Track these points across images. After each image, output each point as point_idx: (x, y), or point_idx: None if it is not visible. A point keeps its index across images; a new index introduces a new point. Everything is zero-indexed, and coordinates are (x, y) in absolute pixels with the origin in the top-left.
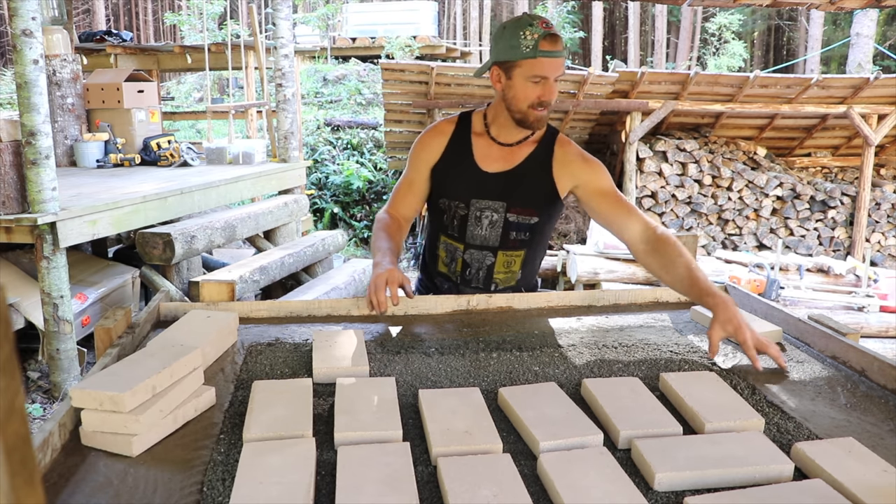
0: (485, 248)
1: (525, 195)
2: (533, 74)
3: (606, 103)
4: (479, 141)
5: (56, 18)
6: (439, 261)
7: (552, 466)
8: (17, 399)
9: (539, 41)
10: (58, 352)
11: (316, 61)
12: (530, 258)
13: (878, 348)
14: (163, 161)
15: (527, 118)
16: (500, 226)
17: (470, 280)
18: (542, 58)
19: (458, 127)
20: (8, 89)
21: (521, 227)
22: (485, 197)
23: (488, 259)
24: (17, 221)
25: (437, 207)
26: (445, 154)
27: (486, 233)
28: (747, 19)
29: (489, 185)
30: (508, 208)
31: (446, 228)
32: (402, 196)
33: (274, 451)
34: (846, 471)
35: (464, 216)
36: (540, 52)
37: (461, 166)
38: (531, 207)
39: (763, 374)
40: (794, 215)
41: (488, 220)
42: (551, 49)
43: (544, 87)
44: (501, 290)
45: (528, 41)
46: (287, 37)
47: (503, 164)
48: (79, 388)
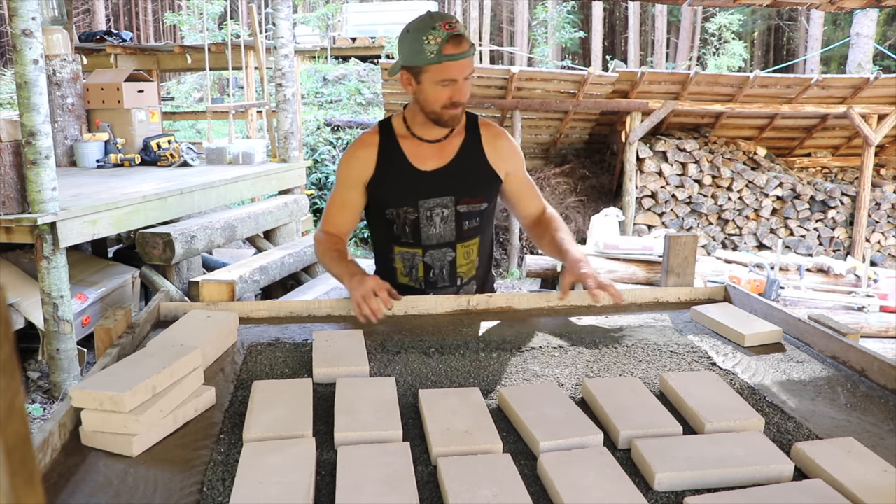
0: (443, 245)
1: (471, 185)
2: (441, 79)
3: (606, 103)
4: (407, 143)
5: (56, 18)
6: (397, 273)
7: (552, 466)
8: (17, 399)
9: (443, 45)
10: (58, 352)
11: (316, 61)
12: (484, 243)
13: (878, 348)
14: (163, 161)
15: (441, 118)
16: (453, 219)
17: (435, 281)
18: (448, 62)
19: (383, 135)
20: (8, 89)
21: (472, 216)
22: (431, 195)
23: (449, 255)
24: (17, 221)
25: (384, 219)
26: (378, 164)
27: (441, 230)
28: (747, 19)
29: (432, 183)
30: (458, 201)
31: (398, 237)
32: (337, 214)
33: (274, 451)
34: (846, 471)
35: (415, 220)
36: (444, 57)
37: (398, 171)
38: (479, 195)
39: (763, 374)
40: (794, 215)
41: (440, 217)
42: (456, 51)
43: (454, 88)
44: (466, 282)
45: (432, 46)
46: (287, 37)
47: (439, 160)
48: (79, 388)
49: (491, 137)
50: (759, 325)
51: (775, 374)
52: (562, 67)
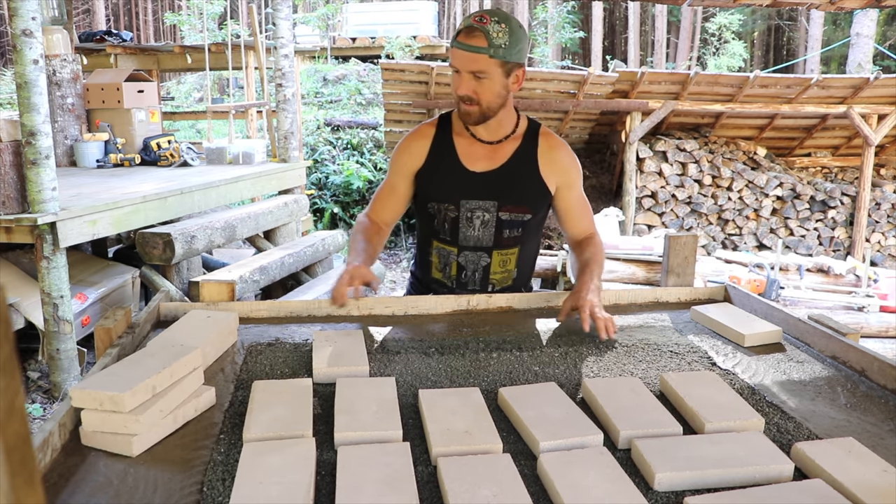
0: (479, 248)
1: (516, 193)
2: (451, 64)
3: (606, 103)
4: (461, 141)
5: (56, 18)
6: (432, 267)
7: (552, 466)
8: (17, 399)
9: (459, 33)
10: (58, 352)
11: (316, 61)
12: (525, 255)
13: (878, 348)
14: (163, 161)
15: (458, 111)
16: (493, 225)
17: (466, 283)
18: (455, 48)
19: (440, 129)
20: (8, 89)
21: (514, 225)
22: (474, 197)
23: (483, 260)
24: (17, 221)
25: (426, 212)
26: (429, 157)
27: (479, 233)
28: (747, 19)
29: (478, 184)
30: (500, 207)
31: (437, 233)
32: (384, 200)
33: (274, 451)
34: (846, 471)
35: (454, 218)
36: (454, 43)
37: (447, 168)
38: (524, 205)
39: (763, 374)
40: (794, 215)
41: (480, 221)
42: (463, 41)
43: (458, 79)
44: (499, 290)
45: (455, 34)
46: (287, 37)
47: (489, 163)
48: (79, 388)
49: (548, 148)
50: (759, 325)
51: (775, 374)
52: (562, 67)
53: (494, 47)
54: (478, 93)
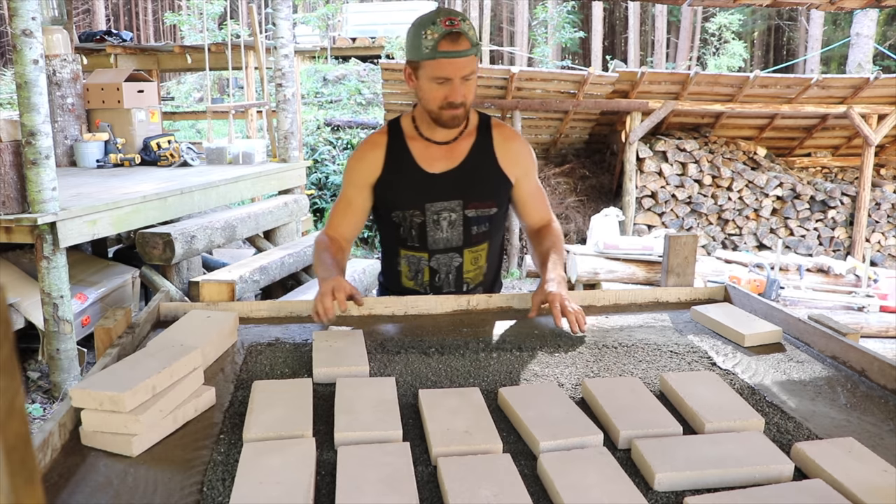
0: (450, 249)
1: (479, 188)
2: (434, 76)
3: (606, 103)
4: (415, 144)
5: (56, 18)
6: (402, 276)
7: (552, 466)
8: (17, 399)
9: (439, 41)
10: (58, 352)
11: (316, 61)
12: (493, 249)
13: (878, 348)
14: (163, 161)
15: (440, 118)
16: (461, 224)
17: (440, 286)
18: (442, 59)
19: (391, 136)
20: (8, 89)
21: (481, 221)
22: (439, 199)
23: (455, 260)
24: (17, 221)
25: (391, 222)
26: (386, 165)
27: (448, 234)
28: (747, 19)
29: (440, 186)
30: (466, 205)
31: (405, 241)
32: (341, 216)
33: (274, 451)
34: (846, 471)
35: (421, 223)
36: (439, 53)
37: (406, 173)
38: (489, 199)
39: (763, 374)
40: (794, 215)
41: (447, 222)
42: (451, 49)
43: (450, 87)
44: (472, 288)
45: (429, 41)
46: (287, 37)
47: (448, 163)
48: (79, 388)
49: (503, 140)
50: (759, 325)
51: (775, 374)
52: (562, 67)
53: (475, 45)
54: (467, 95)
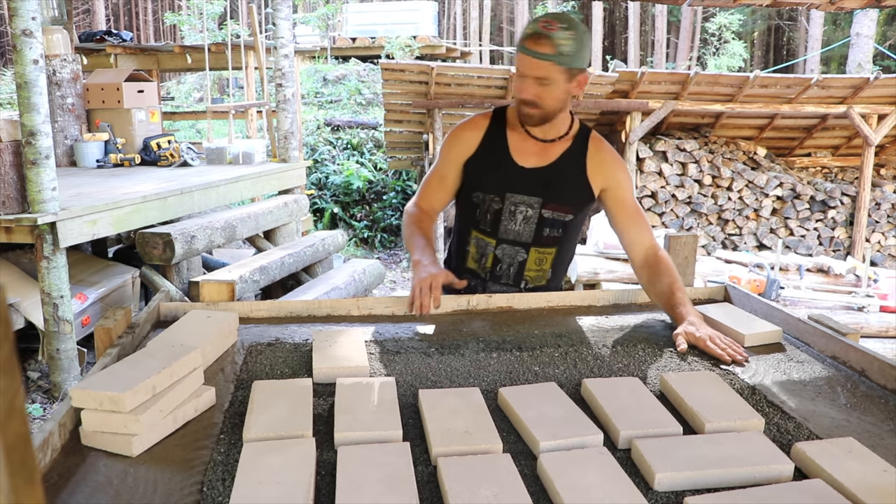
0: (517, 243)
1: (561, 193)
2: (516, 67)
3: (606, 103)
4: (514, 135)
5: (56, 18)
6: (469, 256)
7: (552, 466)
8: (17, 399)
9: (526, 38)
10: (58, 352)
11: (316, 61)
12: (561, 256)
13: (878, 348)
14: (163, 161)
15: (519, 111)
16: (535, 221)
17: (500, 276)
18: (521, 53)
19: (493, 121)
20: (8, 89)
21: (555, 224)
22: (520, 192)
23: (520, 255)
24: (17, 221)
25: (470, 202)
26: (481, 147)
27: (520, 228)
28: (747, 19)
29: (525, 179)
30: (544, 204)
31: (478, 223)
32: (434, 189)
33: (274, 451)
34: (846, 471)
35: (498, 210)
36: (520, 48)
37: (496, 160)
38: (567, 205)
39: (763, 375)
40: (794, 215)
41: (522, 216)
42: (530, 48)
43: (522, 82)
44: (531, 289)
45: (523, 34)
46: (287, 37)
47: (539, 160)
48: (79, 388)
49: (596, 151)
50: (759, 325)
51: (775, 374)
52: None
53: (561, 55)
54: (541, 97)
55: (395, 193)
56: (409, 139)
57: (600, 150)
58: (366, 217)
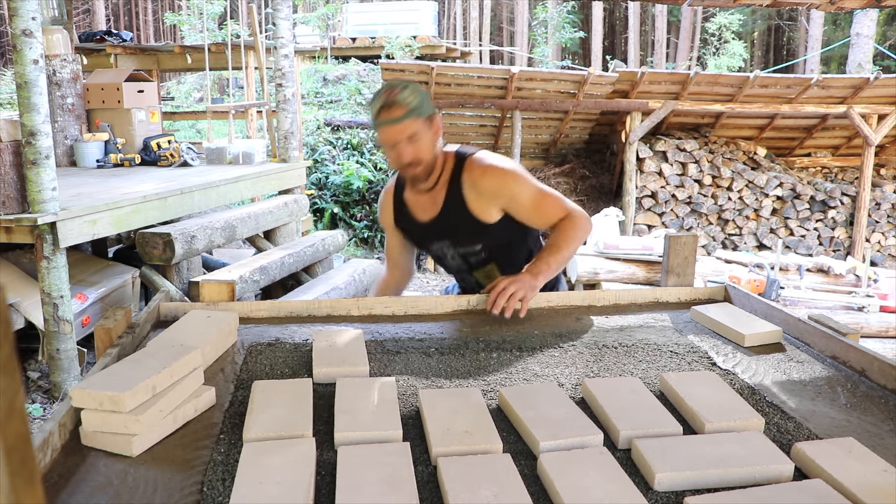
0: (462, 271)
1: (459, 234)
2: (382, 142)
3: (606, 103)
4: (409, 195)
5: (56, 18)
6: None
7: (552, 466)
8: (17, 399)
9: (379, 112)
10: (58, 352)
11: (316, 61)
12: (508, 261)
13: (878, 348)
14: (163, 161)
15: (405, 175)
16: (459, 258)
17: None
18: (382, 127)
19: (397, 185)
20: (8, 89)
21: (474, 254)
22: (433, 241)
23: (471, 279)
24: (17, 221)
25: None
26: (395, 213)
27: (454, 263)
28: (747, 19)
29: (429, 232)
30: (454, 244)
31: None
32: (390, 251)
33: (274, 451)
34: (846, 471)
35: (435, 256)
36: (378, 124)
37: (406, 222)
38: (470, 241)
39: (763, 375)
40: (794, 215)
41: (450, 256)
42: (386, 118)
43: (397, 150)
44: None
45: (373, 113)
46: (287, 37)
47: (431, 211)
48: (79, 388)
49: (471, 183)
50: (759, 325)
51: (775, 374)
52: (562, 67)
53: (413, 110)
54: (417, 153)
55: None
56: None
57: (474, 181)
58: (366, 217)
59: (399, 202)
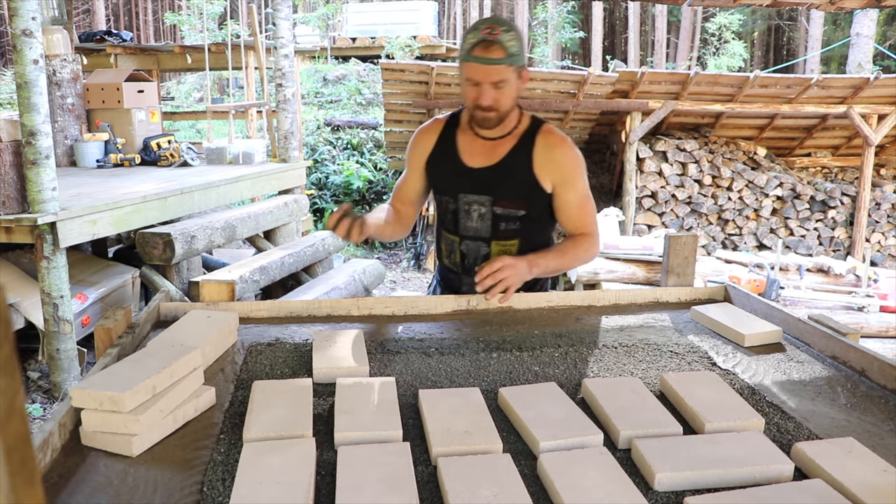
0: (478, 238)
1: (509, 190)
2: (466, 77)
3: (606, 103)
4: (463, 137)
5: (56, 18)
6: (442, 253)
7: (552, 466)
8: (17, 399)
9: (474, 46)
10: (58, 352)
11: (316, 61)
12: (528, 248)
13: (878, 348)
14: (163, 161)
15: (474, 117)
16: (489, 218)
17: (470, 268)
18: (472, 63)
19: (448, 124)
20: (8, 89)
21: (509, 219)
22: (470, 192)
23: (483, 249)
24: (17, 221)
25: (437, 202)
26: (434, 150)
27: (477, 225)
28: (747, 19)
29: (473, 179)
30: (494, 202)
31: (444, 222)
32: (400, 189)
33: (274, 451)
34: (846, 471)
35: (455, 210)
36: (470, 57)
37: (447, 162)
38: (517, 200)
39: (763, 375)
40: (794, 215)
41: (477, 213)
42: (482, 55)
43: (478, 90)
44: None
45: (467, 45)
46: (287, 37)
47: (486, 159)
48: (79, 388)
49: (544, 146)
50: (759, 325)
51: (775, 374)
52: (562, 67)
53: (511, 56)
54: (498, 100)
55: None
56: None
57: (549, 146)
58: None
59: (447, 140)
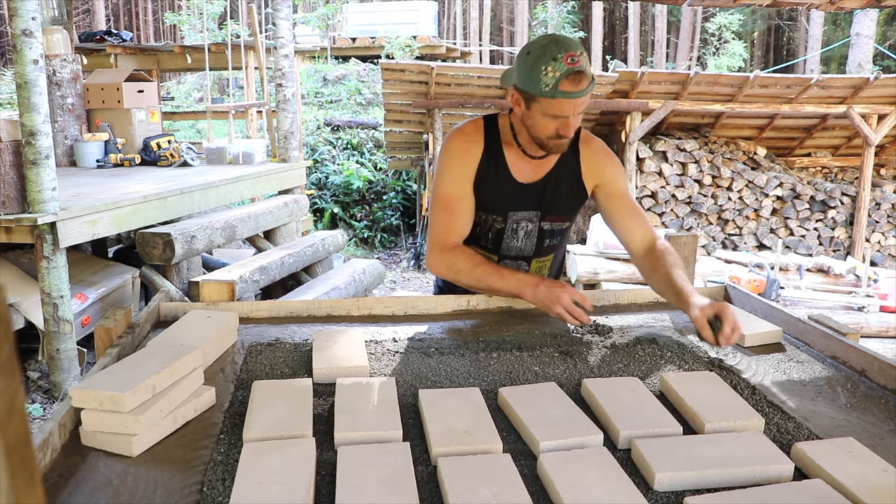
0: (520, 257)
1: (557, 202)
2: (552, 113)
3: (606, 103)
4: (510, 151)
5: (56, 18)
6: None
7: (552, 466)
8: (17, 399)
9: (560, 80)
10: (58, 352)
11: (316, 61)
12: (557, 259)
13: (878, 348)
14: (163, 161)
15: (545, 146)
16: (535, 235)
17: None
18: (562, 99)
19: (488, 135)
20: (8, 89)
21: (553, 234)
22: (521, 209)
23: (522, 267)
24: (17, 221)
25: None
26: (482, 165)
27: (522, 244)
28: (747, 19)
29: (525, 196)
30: (543, 217)
31: (479, 240)
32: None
33: (274, 451)
34: (846, 471)
35: (500, 229)
36: (559, 93)
37: (498, 178)
38: (564, 213)
39: (763, 375)
40: (794, 215)
41: (524, 231)
42: (572, 90)
43: (563, 123)
44: None
45: (549, 79)
46: (287, 37)
47: (535, 174)
48: (79, 388)
49: (589, 151)
50: (759, 325)
51: (775, 374)
52: None
53: (592, 80)
54: (576, 126)
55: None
56: (409, 139)
57: (592, 149)
58: (366, 217)
59: (495, 155)
